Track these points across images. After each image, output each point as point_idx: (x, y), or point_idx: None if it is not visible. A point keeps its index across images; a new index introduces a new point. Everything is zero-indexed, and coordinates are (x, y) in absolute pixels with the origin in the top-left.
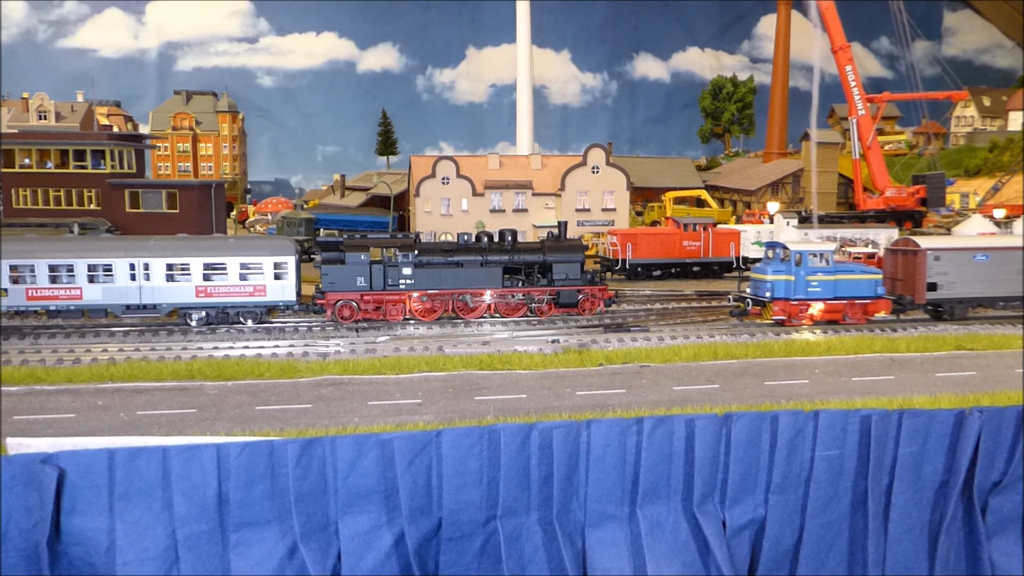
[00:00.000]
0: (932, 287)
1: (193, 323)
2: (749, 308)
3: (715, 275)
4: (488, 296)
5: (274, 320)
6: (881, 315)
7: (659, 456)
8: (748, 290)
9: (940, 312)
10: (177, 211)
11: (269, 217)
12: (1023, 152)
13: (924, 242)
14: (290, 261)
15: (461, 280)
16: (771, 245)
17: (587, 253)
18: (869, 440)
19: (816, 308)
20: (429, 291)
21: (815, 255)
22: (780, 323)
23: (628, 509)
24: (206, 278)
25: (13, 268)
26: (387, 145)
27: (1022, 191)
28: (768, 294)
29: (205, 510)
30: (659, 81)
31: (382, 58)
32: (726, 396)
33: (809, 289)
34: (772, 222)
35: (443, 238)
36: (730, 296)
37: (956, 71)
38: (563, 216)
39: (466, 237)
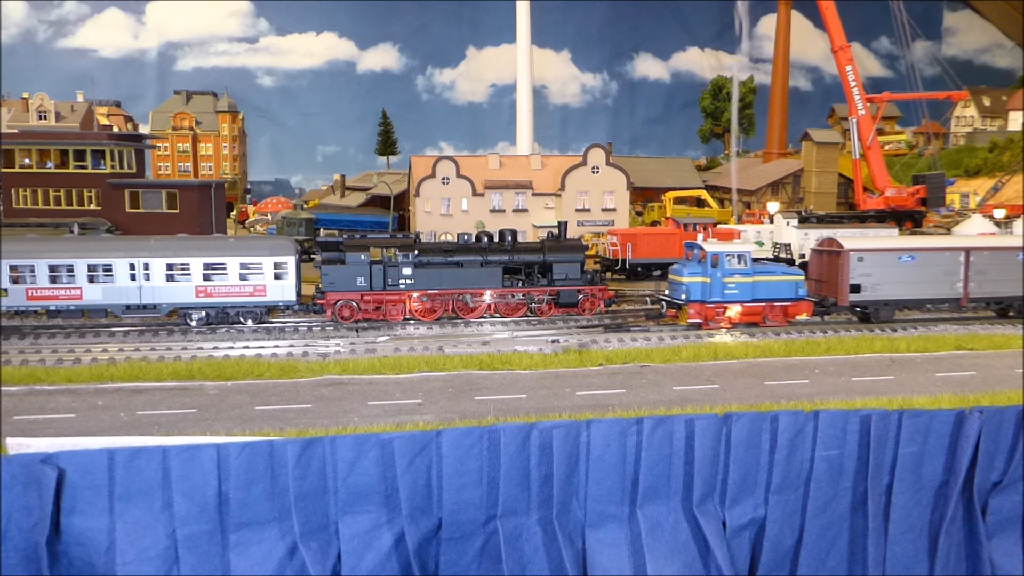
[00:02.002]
0: (855, 289)
1: (193, 323)
2: (664, 311)
3: None
4: (488, 296)
5: (274, 320)
6: (803, 317)
7: (659, 456)
8: (667, 292)
9: (867, 314)
10: (177, 211)
11: (269, 217)
12: (1023, 152)
13: (847, 242)
14: (290, 261)
15: (461, 280)
16: (689, 246)
17: (587, 253)
18: (869, 440)
19: (734, 311)
20: (429, 291)
21: (732, 256)
22: (696, 326)
23: (628, 509)
24: (206, 278)
25: (13, 268)
26: (387, 145)
27: (1022, 191)
28: (684, 296)
29: (205, 510)
30: (659, 81)
31: (382, 58)
32: (726, 396)
33: (726, 291)
34: (772, 222)
35: (443, 238)
36: (647, 299)
37: (956, 71)
38: (563, 216)
39: (466, 237)
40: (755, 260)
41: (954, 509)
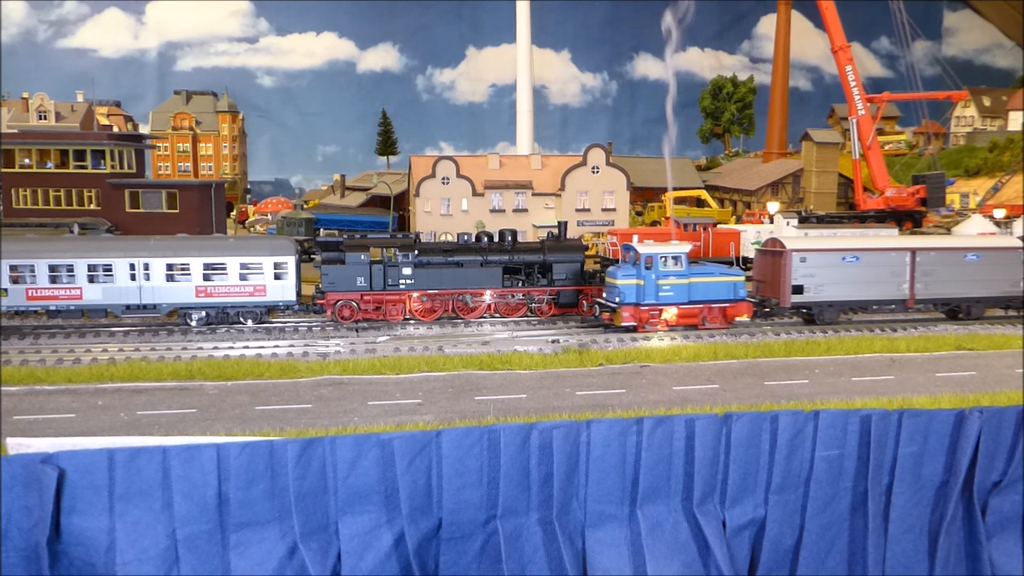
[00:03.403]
0: (798, 290)
1: (193, 323)
2: (599, 313)
3: None
4: (488, 296)
5: (274, 320)
6: (743, 319)
7: (659, 456)
8: (603, 295)
9: (811, 315)
10: (177, 211)
11: (269, 217)
12: (1023, 152)
13: (790, 243)
14: (290, 261)
15: (461, 280)
16: (626, 248)
17: (587, 253)
18: (869, 440)
19: (670, 313)
20: (429, 291)
21: (666, 258)
22: (631, 329)
23: (628, 509)
24: (206, 278)
25: (13, 268)
26: (387, 145)
27: (1022, 191)
28: (617, 299)
29: (205, 510)
30: (659, 81)
31: (382, 58)
32: (726, 396)
33: (661, 294)
34: (772, 222)
35: (443, 238)
36: (584, 302)
37: (956, 71)
38: (563, 216)
39: (466, 237)
40: (694, 261)
41: (954, 509)
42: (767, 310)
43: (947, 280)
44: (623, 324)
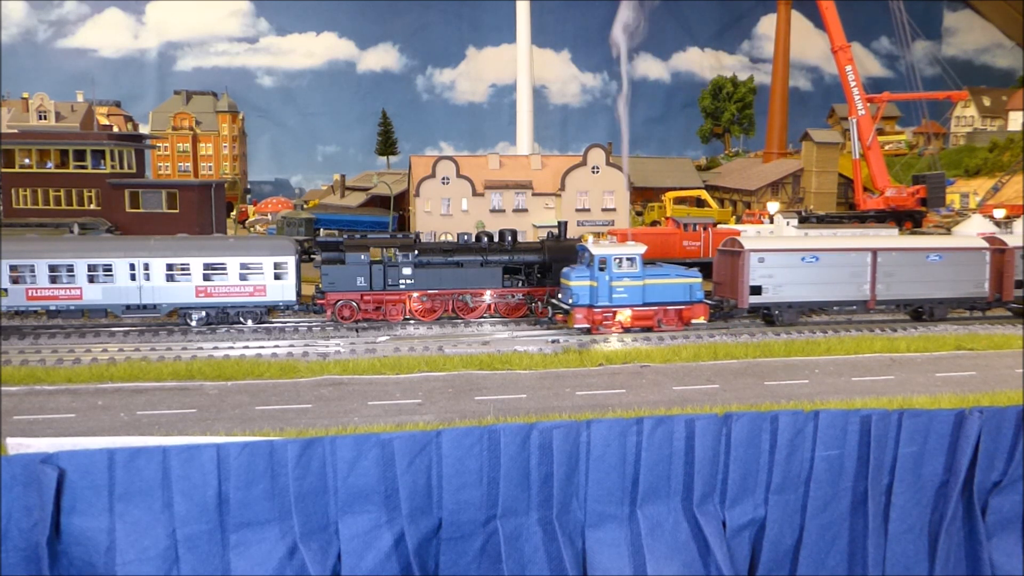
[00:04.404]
0: (756, 290)
1: (193, 323)
2: (552, 315)
3: None
4: (488, 296)
5: (274, 320)
6: (700, 321)
7: (659, 456)
8: (559, 296)
9: (771, 317)
10: (177, 211)
11: (269, 217)
12: (1023, 152)
13: (748, 242)
14: (290, 261)
15: (461, 280)
16: (580, 249)
17: None
18: (869, 440)
19: (624, 315)
20: (429, 291)
21: (620, 259)
22: (585, 331)
23: (628, 509)
24: (206, 278)
25: (13, 268)
26: (387, 145)
27: (1022, 191)
28: (571, 301)
29: (205, 510)
30: (659, 81)
31: (382, 58)
32: (726, 396)
33: (614, 296)
34: (772, 222)
35: (443, 238)
36: (537, 303)
37: (956, 71)
38: (563, 216)
39: (466, 237)
40: (651, 262)
41: (954, 509)
42: (725, 311)
43: (909, 281)
44: (576, 326)
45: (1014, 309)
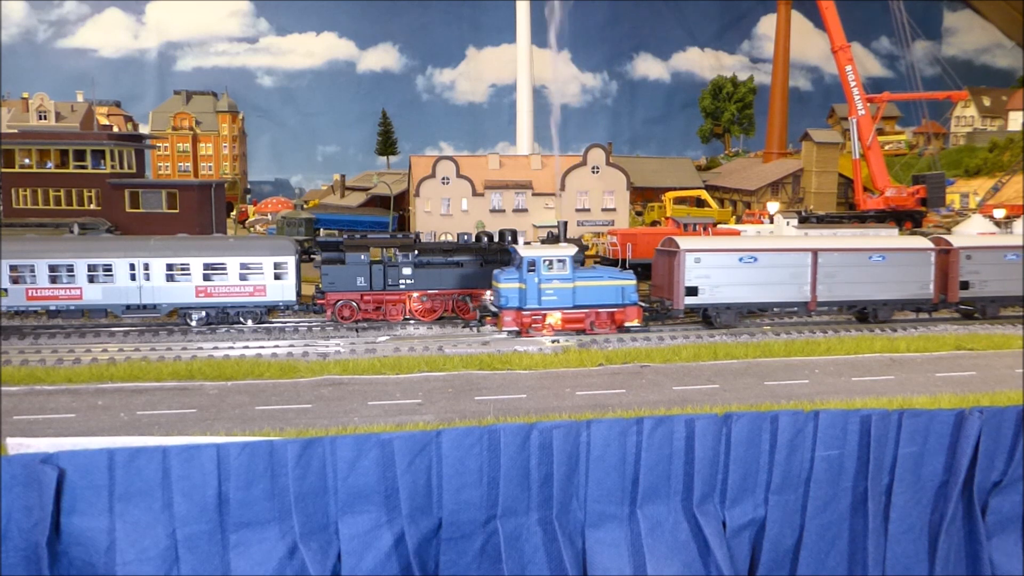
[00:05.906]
0: (692, 291)
1: (193, 323)
2: (481, 317)
3: None
4: (488, 296)
5: (274, 320)
6: (634, 324)
7: (659, 456)
8: (489, 298)
9: (710, 318)
10: (177, 211)
11: (269, 217)
12: (1023, 152)
13: (684, 242)
14: (290, 261)
15: (461, 280)
16: (511, 251)
17: (587, 253)
18: (869, 440)
19: (553, 318)
20: (429, 291)
21: (550, 261)
22: (515, 334)
23: (628, 509)
24: (206, 278)
25: (13, 268)
26: (387, 145)
27: (1022, 191)
28: (500, 303)
29: (205, 510)
30: (659, 81)
31: (382, 58)
32: (726, 396)
33: (544, 298)
34: (772, 222)
35: (443, 238)
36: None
37: (956, 71)
38: (563, 216)
39: (466, 237)
40: (583, 263)
41: (954, 509)
42: (660, 312)
43: (852, 282)
44: (504, 329)
45: (961, 311)
